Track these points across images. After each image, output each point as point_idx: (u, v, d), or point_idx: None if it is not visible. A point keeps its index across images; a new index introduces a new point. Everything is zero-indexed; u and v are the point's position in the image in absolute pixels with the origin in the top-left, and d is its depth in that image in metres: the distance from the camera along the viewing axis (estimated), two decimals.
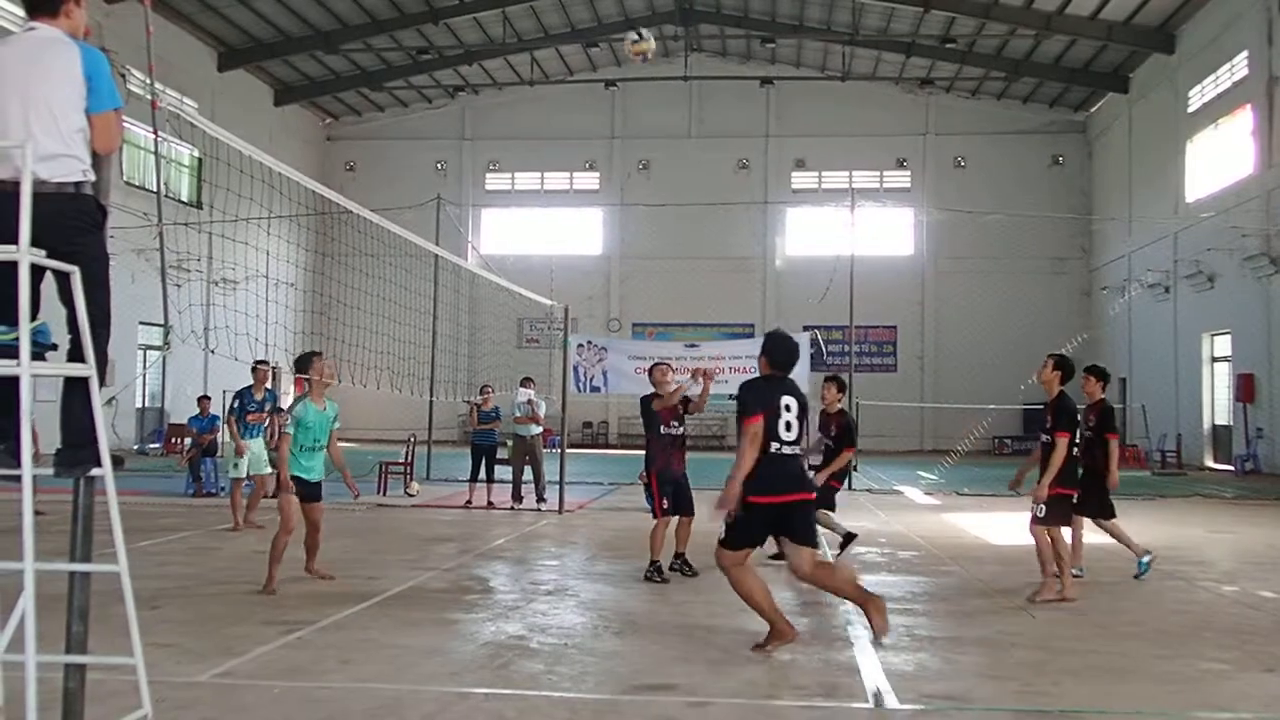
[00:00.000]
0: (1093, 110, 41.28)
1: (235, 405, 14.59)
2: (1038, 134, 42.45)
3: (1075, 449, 9.65)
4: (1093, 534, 11.11)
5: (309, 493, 9.92)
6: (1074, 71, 38.27)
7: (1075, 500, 10.04)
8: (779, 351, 8.18)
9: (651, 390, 11.04)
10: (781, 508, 7.48)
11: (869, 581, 10.48)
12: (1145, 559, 10.84)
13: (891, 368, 42.55)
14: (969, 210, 35.90)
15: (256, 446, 14.44)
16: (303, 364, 10.10)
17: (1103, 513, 10.94)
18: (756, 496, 7.39)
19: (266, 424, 14.60)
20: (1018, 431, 38.36)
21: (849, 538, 12.27)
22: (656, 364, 11.42)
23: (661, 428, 10.76)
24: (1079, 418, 10.00)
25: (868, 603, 7.51)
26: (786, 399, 7.80)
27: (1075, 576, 10.04)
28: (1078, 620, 8.65)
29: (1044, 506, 9.40)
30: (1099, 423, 10.81)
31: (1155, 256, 34.06)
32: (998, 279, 41.31)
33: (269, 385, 15.04)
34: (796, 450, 7.68)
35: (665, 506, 10.66)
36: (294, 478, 9.72)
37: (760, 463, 7.41)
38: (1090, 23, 33.22)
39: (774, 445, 7.51)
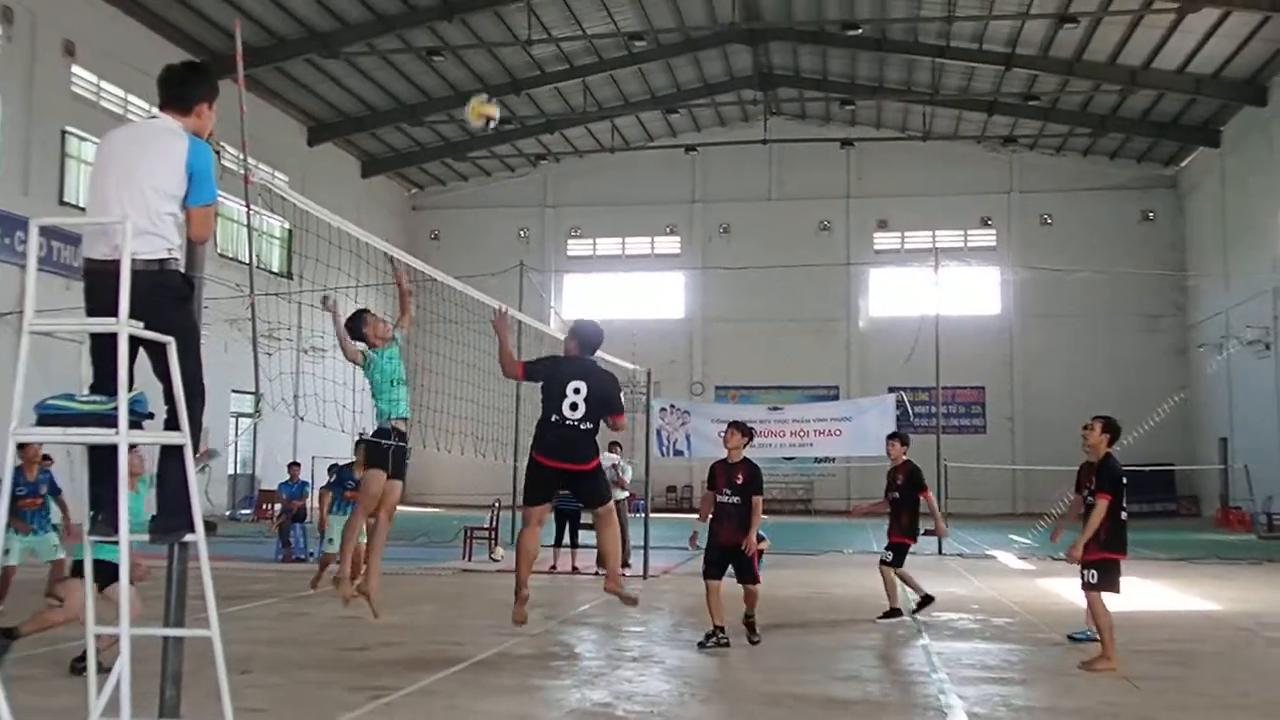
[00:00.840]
0: (1183, 164, 40.61)
1: (333, 481, 14.52)
2: (1126, 189, 41.82)
3: (1124, 513, 9.31)
4: (1204, 601, 10.76)
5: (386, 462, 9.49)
6: (1162, 126, 37.73)
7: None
8: (582, 335, 9.44)
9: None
10: (558, 473, 8.95)
11: (963, 648, 10.25)
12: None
13: (980, 429, 41.89)
14: (1057, 268, 35.43)
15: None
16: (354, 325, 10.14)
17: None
18: (536, 454, 8.92)
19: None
20: None
21: (926, 600, 12.05)
22: (735, 423, 10.80)
23: (717, 495, 10.34)
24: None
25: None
26: (576, 382, 8.94)
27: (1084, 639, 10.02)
28: (1182, 690, 8.36)
29: (1095, 572, 9.12)
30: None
31: (1254, 312, 33.20)
32: (1088, 338, 40.58)
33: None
34: (582, 427, 8.84)
35: (705, 569, 10.30)
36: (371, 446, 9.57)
37: (541, 427, 8.91)
38: (1177, 76, 32.78)
39: (554, 416, 8.83)
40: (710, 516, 10.37)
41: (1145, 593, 15.02)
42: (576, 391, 8.93)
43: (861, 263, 42.93)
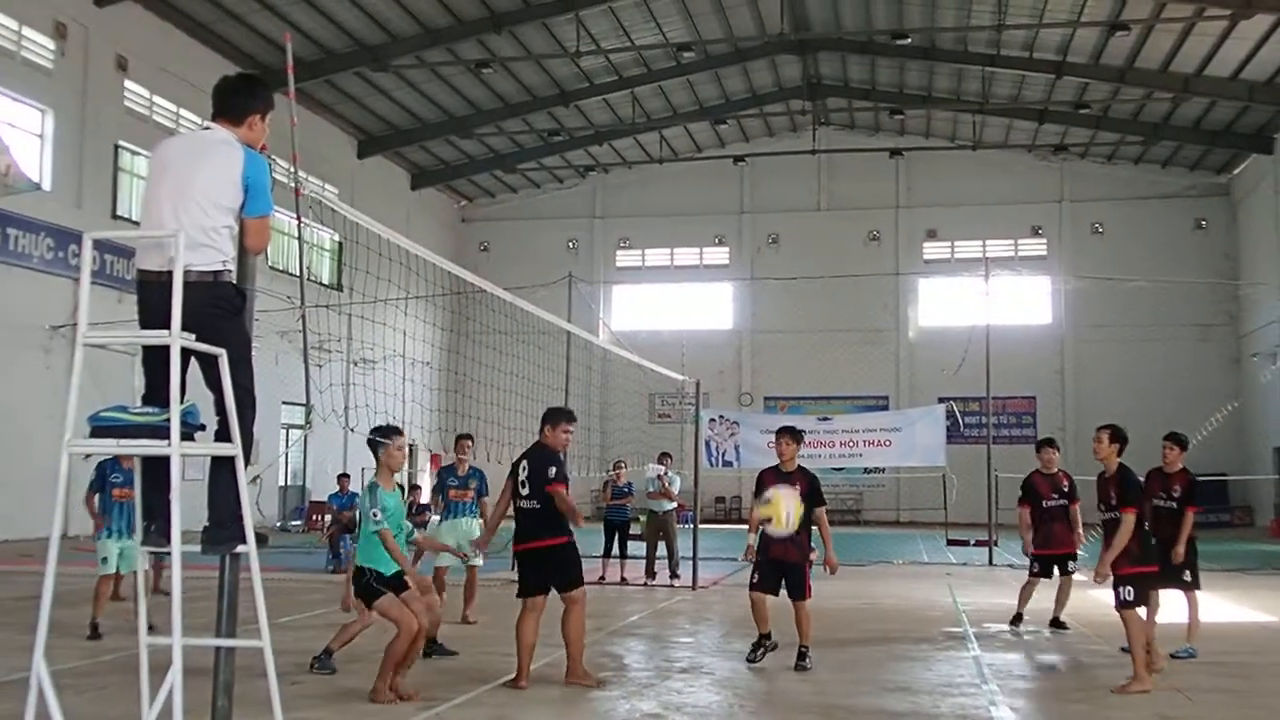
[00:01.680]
0: (1236, 172, 40.06)
1: (435, 483, 14.03)
2: (1179, 198, 41.31)
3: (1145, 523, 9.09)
4: (1260, 613, 10.60)
5: (398, 583, 8.56)
6: (1215, 134, 37.25)
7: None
8: (544, 419, 9.40)
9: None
10: (525, 555, 8.93)
11: (1013, 660, 10.14)
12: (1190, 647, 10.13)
13: (1031, 439, 41.15)
14: (1108, 277, 35.03)
15: (465, 529, 13.09)
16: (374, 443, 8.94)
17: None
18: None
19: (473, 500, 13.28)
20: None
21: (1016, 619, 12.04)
22: (785, 430, 10.34)
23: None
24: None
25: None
26: (524, 463, 8.99)
27: (1186, 656, 9.79)
28: (1240, 703, 8.24)
29: (1131, 588, 8.79)
30: (1184, 493, 10.45)
31: None
32: (1140, 347, 40.08)
33: (435, 458, 14.03)
34: (526, 507, 8.86)
35: (754, 580, 9.87)
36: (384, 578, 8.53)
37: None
38: (1230, 83, 32.37)
39: (516, 501, 8.97)
40: (761, 528, 9.87)
41: (1200, 604, 14.79)
42: (522, 473, 8.97)
43: (911, 272, 42.66)
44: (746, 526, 10.28)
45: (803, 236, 43.43)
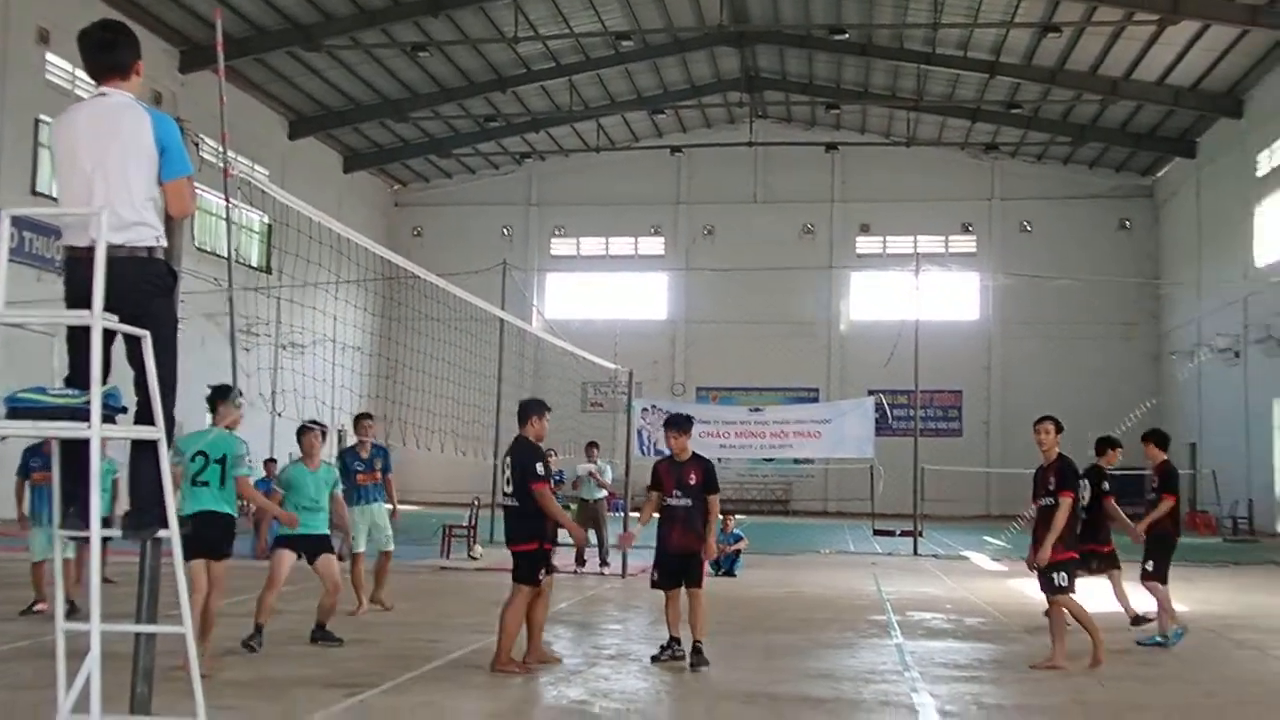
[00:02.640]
0: (1160, 174, 40.91)
1: (339, 467, 13.55)
2: (1104, 198, 42.12)
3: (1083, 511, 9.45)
4: (1171, 603, 10.84)
5: (310, 548, 9.74)
6: (1140, 136, 38.04)
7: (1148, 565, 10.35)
8: (525, 411, 9.41)
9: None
10: (513, 556, 8.98)
11: (935, 647, 10.31)
12: (1159, 638, 10.46)
13: (957, 432, 42.10)
14: (1035, 275, 35.61)
15: (376, 513, 12.68)
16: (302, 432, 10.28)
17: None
18: None
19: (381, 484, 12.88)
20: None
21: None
22: (672, 425, 9.87)
23: (665, 498, 9.57)
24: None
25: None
26: (507, 458, 9.11)
27: (1160, 644, 10.16)
28: (1152, 690, 8.44)
29: (1065, 574, 9.09)
30: (1161, 483, 10.86)
31: (1225, 321, 33.51)
32: (1065, 344, 40.81)
33: (378, 440, 13.36)
34: (509, 504, 8.98)
35: (654, 579, 9.50)
36: (288, 535, 9.68)
37: None
38: (1157, 88, 33.06)
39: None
40: (658, 520, 9.62)
41: (1112, 593, 15.12)
42: (505, 468, 9.09)
43: (843, 266, 43.07)
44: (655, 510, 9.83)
45: (738, 228, 43.63)
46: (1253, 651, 10.49)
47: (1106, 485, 11.27)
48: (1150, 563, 10.74)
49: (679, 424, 9.78)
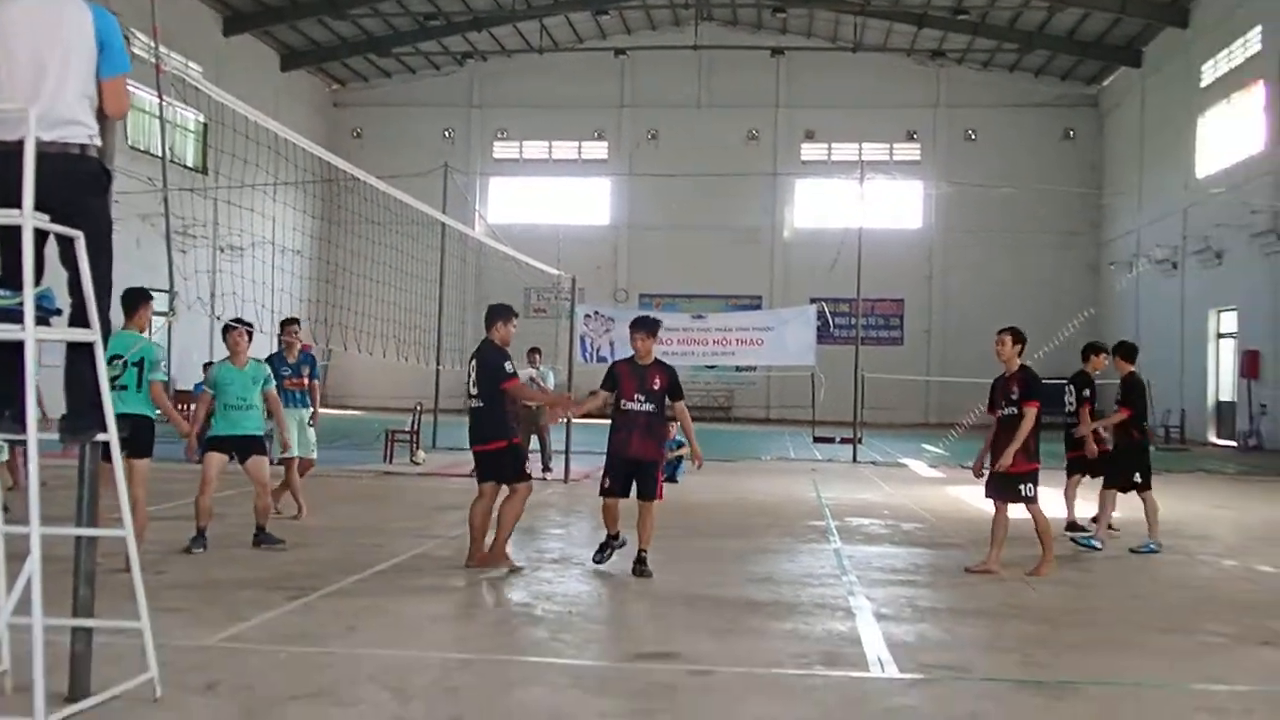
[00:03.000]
0: (1105, 84, 41.00)
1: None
2: (1049, 107, 42.17)
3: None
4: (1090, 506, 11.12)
5: (240, 449, 9.90)
6: (1087, 45, 38.00)
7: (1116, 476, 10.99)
8: (491, 316, 9.57)
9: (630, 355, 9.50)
10: (475, 454, 9.24)
11: (872, 552, 10.52)
12: (1153, 544, 10.84)
13: (898, 341, 42.48)
14: (979, 184, 35.75)
15: (300, 419, 12.57)
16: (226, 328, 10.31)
17: (1146, 484, 11.14)
18: None
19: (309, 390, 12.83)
20: None
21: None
22: (640, 326, 9.45)
23: (624, 402, 9.19)
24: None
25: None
26: (472, 361, 9.30)
27: (1148, 552, 10.59)
28: (1080, 594, 8.68)
29: (1031, 485, 9.30)
30: (1125, 395, 11.24)
31: (1164, 232, 33.92)
32: (1006, 253, 41.14)
33: (305, 347, 13.30)
34: (477, 404, 9.13)
35: (605, 486, 9.17)
36: (218, 436, 9.87)
37: None
38: None
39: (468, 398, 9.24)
40: (612, 425, 9.26)
41: (1050, 501, 15.46)
42: (471, 372, 9.27)
43: (788, 173, 42.96)
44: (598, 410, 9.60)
45: (682, 133, 43.27)
46: (1181, 557, 10.81)
47: (1088, 392, 11.73)
48: (1136, 474, 11.10)
49: (648, 325, 9.43)
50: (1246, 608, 8.23)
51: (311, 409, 12.85)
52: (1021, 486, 9.30)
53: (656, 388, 9.13)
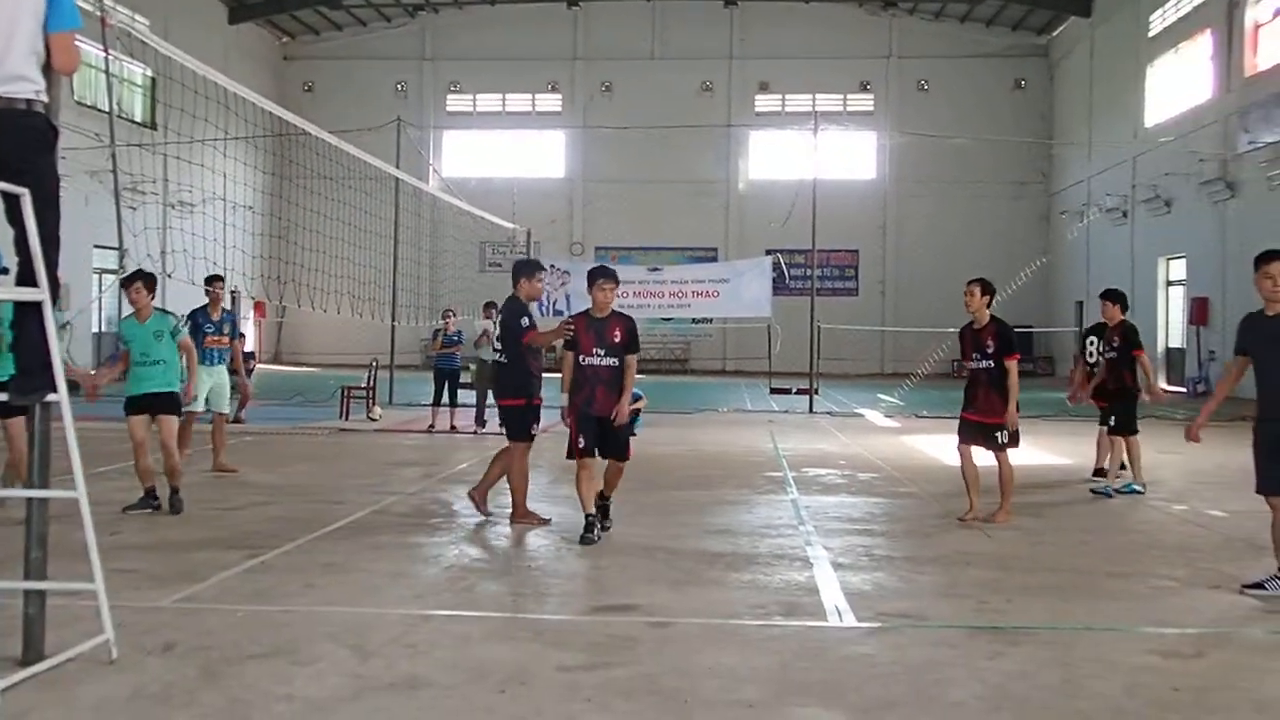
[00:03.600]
0: (1055, 34, 41.12)
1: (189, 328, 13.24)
2: (1000, 57, 42.28)
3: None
4: (1054, 456, 11.27)
5: (150, 407, 9.86)
6: None
7: (1108, 418, 11.39)
8: (518, 272, 9.72)
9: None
10: (499, 408, 9.77)
11: (829, 502, 10.61)
12: (1137, 486, 11.26)
13: (853, 291, 42.67)
14: (931, 134, 35.83)
15: (219, 376, 12.49)
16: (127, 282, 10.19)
17: (1129, 429, 11.46)
18: None
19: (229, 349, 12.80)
20: None
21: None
22: (601, 275, 8.95)
23: (583, 357, 8.73)
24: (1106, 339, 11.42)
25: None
26: (497, 316, 9.66)
27: (1112, 494, 11.00)
28: (1032, 540, 8.81)
29: (1006, 432, 9.39)
30: (1123, 342, 11.48)
31: (1114, 181, 34.20)
32: (958, 203, 41.36)
33: (228, 305, 13.44)
34: (500, 360, 9.34)
35: (580, 446, 8.69)
36: (131, 396, 9.91)
37: None
38: None
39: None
40: (573, 385, 8.76)
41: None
42: (495, 327, 9.66)
43: (742, 125, 42.84)
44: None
45: (636, 85, 43.02)
46: (1131, 501, 10.99)
47: (1117, 341, 11.65)
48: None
49: (610, 275, 8.96)
50: (1195, 551, 8.39)
51: (234, 366, 12.94)
52: (998, 434, 9.43)
53: (617, 340, 8.71)
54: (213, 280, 12.96)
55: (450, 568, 7.51)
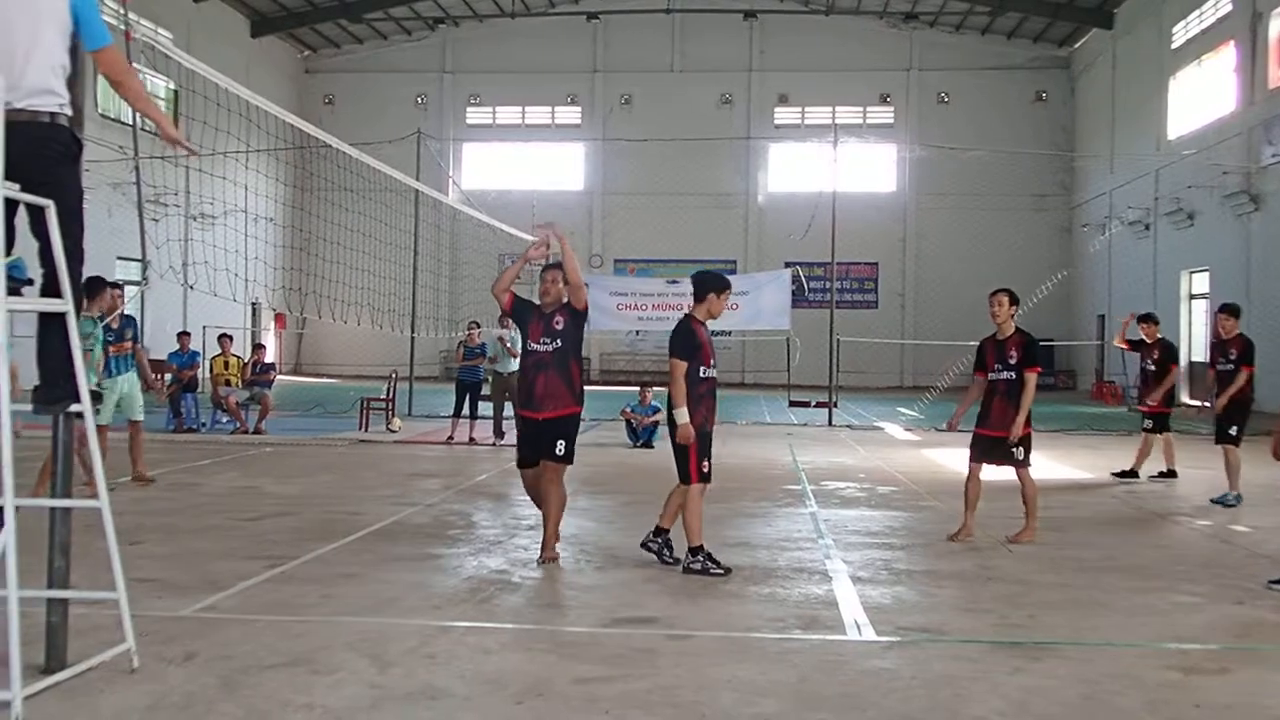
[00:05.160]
0: (1077, 46, 41.04)
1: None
2: (1021, 70, 42.22)
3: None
4: (1077, 470, 11.20)
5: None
6: (1058, 6, 38.02)
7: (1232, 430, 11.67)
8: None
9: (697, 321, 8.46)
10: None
11: (848, 515, 10.58)
12: (1232, 495, 11.57)
13: (872, 304, 42.60)
14: (951, 146, 35.79)
15: (128, 385, 11.81)
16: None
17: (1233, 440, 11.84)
18: None
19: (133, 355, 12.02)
20: None
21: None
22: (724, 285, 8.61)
23: (702, 369, 8.18)
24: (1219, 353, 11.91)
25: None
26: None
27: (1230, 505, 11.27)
28: (1054, 555, 8.75)
29: (1023, 449, 9.24)
30: (1240, 356, 11.88)
31: (1136, 194, 34.05)
32: (979, 215, 41.26)
33: (124, 309, 12.33)
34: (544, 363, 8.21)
35: (705, 470, 8.06)
36: None
37: None
38: None
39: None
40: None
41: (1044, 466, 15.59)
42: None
43: (761, 137, 42.86)
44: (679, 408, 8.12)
45: (655, 98, 43.11)
46: (1154, 517, 10.93)
47: (1156, 355, 13.48)
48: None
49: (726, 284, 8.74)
50: (1219, 567, 8.32)
51: (142, 375, 12.14)
52: (1015, 450, 9.25)
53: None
54: (109, 287, 11.50)
55: (469, 579, 7.51)
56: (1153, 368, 13.53)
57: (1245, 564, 8.51)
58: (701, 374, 8.07)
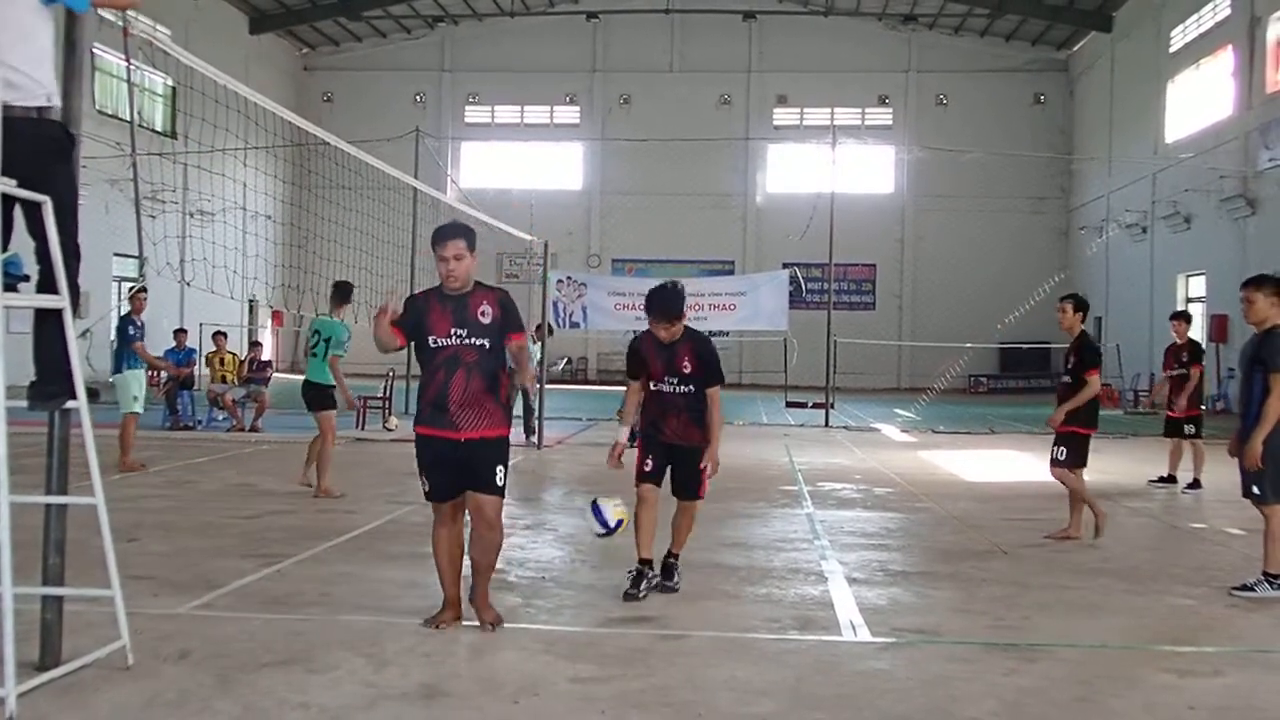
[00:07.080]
0: (1075, 49, 41.07)
1: (128, 331, 13.32)
2: (1020, 72, 42.25)
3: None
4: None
5: None
6: (1057, 9, 38.04)
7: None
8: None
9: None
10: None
11: (845, 517, 10.57)
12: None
13: (870, 305, 42.61)
14: (950, 149, 35.80)
15: (142, 379, 13.43)
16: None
17: None
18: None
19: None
20: (994, 370, 38.77)
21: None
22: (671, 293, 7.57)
23: (653, 383, 7.37)
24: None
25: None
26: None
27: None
28: (1049, 557, 8.75)
29: (1065, 449, 9.29)
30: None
31: (1133, 197, 34.09)
32: (977, 218, 41.28)
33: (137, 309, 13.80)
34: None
35: (646, 469, 7.35)
36: None
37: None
38: None
39: None
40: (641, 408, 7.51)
41: (1019, 464, 15.62)
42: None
43: (760, 138, 42.87)
44: (620, 401, 8.05)
45: (654, 98, 43.11)
46: (1149, 520, 10.95)
47: (1185, 356, 13.41)
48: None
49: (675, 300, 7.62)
50: (1214, 570, 8.32)
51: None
52: (1055, 448, 9.35)
53: (688, 371, 7.55)
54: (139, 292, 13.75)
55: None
56: (1183, 370, 13.52)
57: (1240, 567, 8.50)
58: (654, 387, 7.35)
